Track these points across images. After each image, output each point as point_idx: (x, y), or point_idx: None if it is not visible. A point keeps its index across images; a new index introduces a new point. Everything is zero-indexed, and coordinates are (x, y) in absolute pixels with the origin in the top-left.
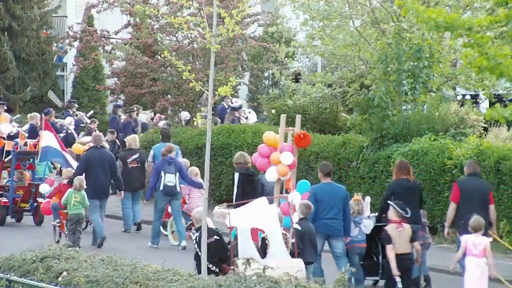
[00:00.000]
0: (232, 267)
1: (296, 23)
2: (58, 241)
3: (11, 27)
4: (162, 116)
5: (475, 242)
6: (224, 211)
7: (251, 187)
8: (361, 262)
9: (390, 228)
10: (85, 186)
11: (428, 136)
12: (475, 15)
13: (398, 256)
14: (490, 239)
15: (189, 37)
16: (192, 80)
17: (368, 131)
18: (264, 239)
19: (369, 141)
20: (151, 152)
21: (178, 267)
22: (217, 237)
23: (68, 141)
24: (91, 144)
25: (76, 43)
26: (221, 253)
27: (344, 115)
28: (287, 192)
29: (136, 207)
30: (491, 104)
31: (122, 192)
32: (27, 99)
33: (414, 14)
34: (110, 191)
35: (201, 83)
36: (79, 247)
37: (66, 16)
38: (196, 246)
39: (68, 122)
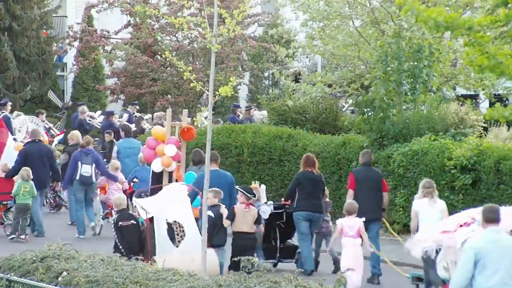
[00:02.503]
0: (149, 260)
1: (296, 24)
2: None
3: (11, 27)
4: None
5: (349, 224)
6: (139, 201)
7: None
8: (263, 246)
9: (238, 207)
10: (32, 176)
11: (428, 136)
12: (474, 15)
13: (242, 235)
14: (363, 219)
15: (189, 37)
16: (193, 80)
17: (368, 131)
18: (176, 228)
19: (369, 141)
20: (115, 147)
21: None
22: (134, 222)
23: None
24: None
25: (76, 43)
26: (138, 239)
27: (344, 115)
28: (177, 182)
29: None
30: (491, 104)
31: (59, 183)
32: (27, 99)
33: (414, 13)
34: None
35: (201, 83)
36: (26, 235)
37: (66, 16)
38: (113, 228)
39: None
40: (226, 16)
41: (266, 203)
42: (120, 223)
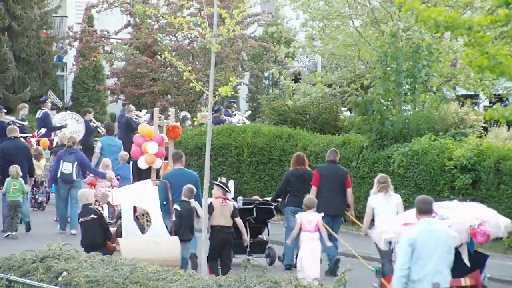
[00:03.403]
0: (114, 245)
1: (296, 24)
2: None
3: (11, 27)
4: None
5: (309, 219)
6: (106, 192)
7: (143, 174)
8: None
9: (215, 201)
10: (21, 174)
11: (428, 136)
12: (475, 15)
13: (220, 228)
14: (321, 214)
15: (189, 37)
16: (193, 80)
17: (367, 131)
18: (143, 217)
19: (369, 141)
20: (99, 143)
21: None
22: (95, 216)
23: None
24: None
25: (76, 43)
26: (100, 231)
27: (345, 112)
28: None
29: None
30: (491, 104)
31: (32, 178)
32: (27, 99)
33: (414, 13)
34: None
35: (201, 83)
36: (16, 231)
37: (66, 16)
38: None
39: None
40: (226, 16)
41: (234, 198)
42: (81, 219)
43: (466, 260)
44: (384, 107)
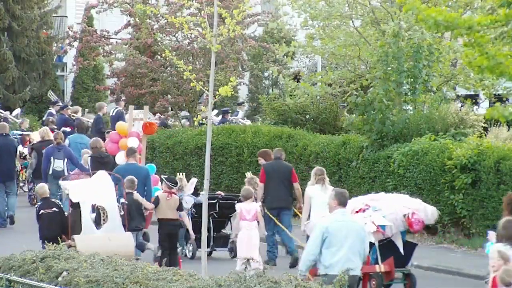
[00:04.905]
0: (69, 241)
1: (296, 22)
2: None
3: (11, 27)
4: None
5: (247, 209)
6: (65, 185)
7: (102, 167)
8: (196, 236)
9: (161, 195)
10: None
11: (428, 136)
12: (475, 15)
13: (167, 221)
14: (259, 204)
15: (189, 37)
16: (193, 80)
17: (368, 131)
18: (99, 211)
19: (369, 141)
20: (67, 140)
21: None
22: (56, 209)
23: None
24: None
25: (76, 43)
26: (60, 225)
27: (346, 114)
28: None
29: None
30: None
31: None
32: (27, 99)
33: (414, 12)
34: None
35: (201, 83)
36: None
37: (66, 16)
38: (36, 216)
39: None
40: (226, 16)
41: (196, 195)
42: (42, 211)
43: (401, 249)
44: (385, 107)
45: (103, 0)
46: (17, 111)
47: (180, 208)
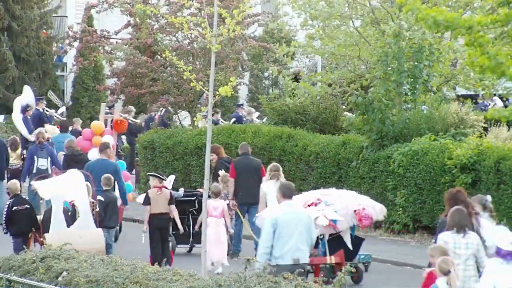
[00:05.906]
0: (41, 239)
1: (296, 22)
2: None
3: (11, 27)
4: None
5: (215, 205)
6: (34, 184)
7: (75, 166)
8: (173, 232)
9: (151, 192)
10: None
11: (428, 136)
12: (475, 15)
13: (157, 216)
14: (227, 201)
15: (189, 37)
16: (193, 80)
17: (368, 131)
18: (74, 208)
19: (369, 141)
20: (50, 140)
21: None
22: (28, 206)
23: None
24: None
25: (76, 43)
26: (29, 221)
27: (346, 113)
28: None
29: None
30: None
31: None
32: None
33: (414, 12)
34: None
35: (201, 83)
36: None
37: (66, 16)
38: (5, 212)
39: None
40: (226, 16)
41: (175, 190)
42: (14, 207)
43: (349, 243)
44: (385, 106)
45: (103, 0)
46: (62, 109)
47: (171, 201)
